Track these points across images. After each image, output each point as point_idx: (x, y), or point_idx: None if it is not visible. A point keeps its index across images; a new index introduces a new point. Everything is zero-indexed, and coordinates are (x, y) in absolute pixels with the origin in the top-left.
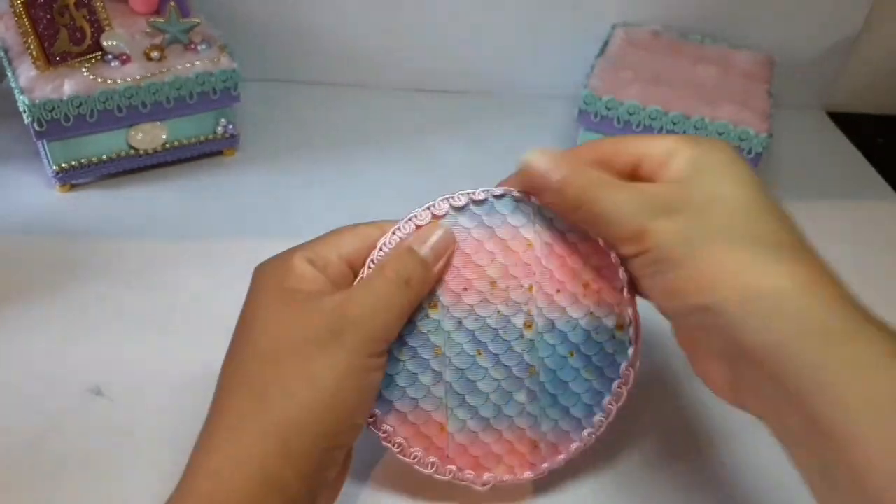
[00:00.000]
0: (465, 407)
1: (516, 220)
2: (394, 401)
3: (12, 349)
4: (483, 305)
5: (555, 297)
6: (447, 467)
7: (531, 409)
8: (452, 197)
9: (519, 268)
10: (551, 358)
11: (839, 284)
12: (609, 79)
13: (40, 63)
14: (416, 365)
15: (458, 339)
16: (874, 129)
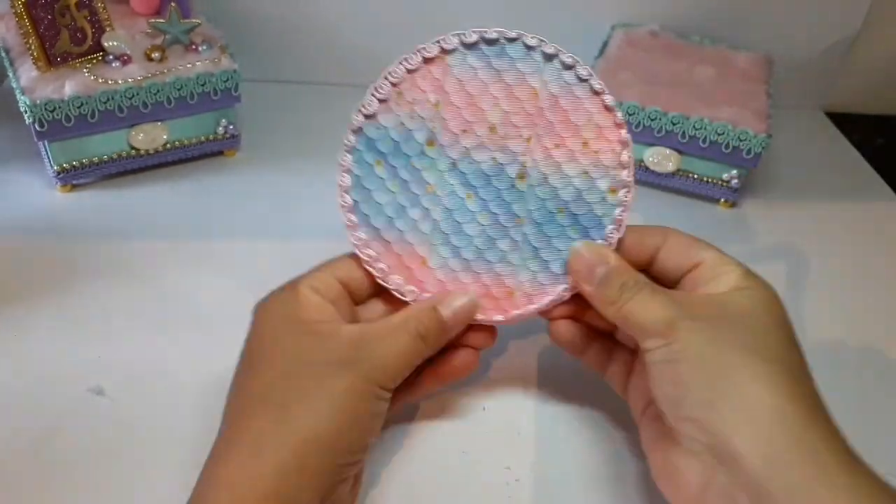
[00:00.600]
0: (449, 246)
1: (525, 66)
2: (380, 228)
3: (13, 349)
4: (479, 150)
5: (552, 152)
6: (424, 297)
7: (512, 258)
8: (464, 33)
9: (521, 116)
10: (539, 212)
11: (831, 419)
12: (608, 79)
13: (41, 63)
14: (406, 198)
15: (450, 179)
16: (873, 130)
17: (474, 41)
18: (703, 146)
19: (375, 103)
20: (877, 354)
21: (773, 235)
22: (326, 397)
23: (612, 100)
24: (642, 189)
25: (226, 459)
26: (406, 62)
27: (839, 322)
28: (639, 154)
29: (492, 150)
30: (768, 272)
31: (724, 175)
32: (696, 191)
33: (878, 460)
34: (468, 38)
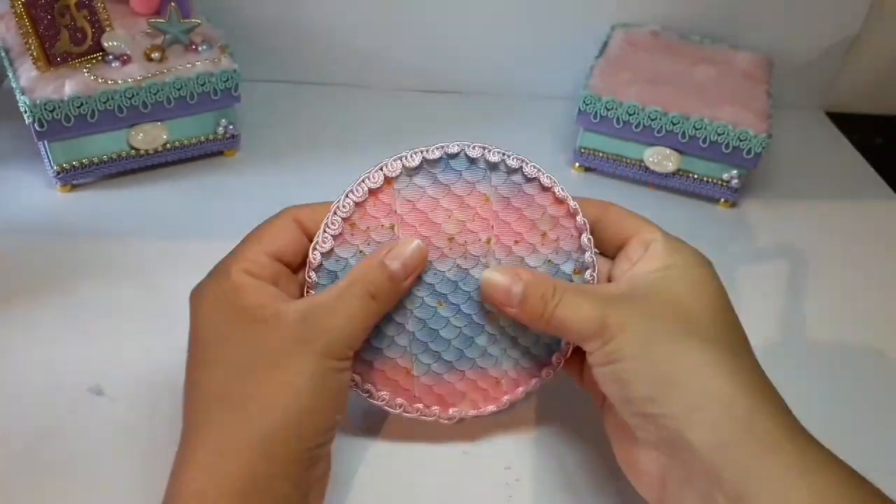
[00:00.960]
0: (429, 353)
1: (472, 175)
2: (360, 352)
3: (13, 349)
4: (442, 261)
5: (513, 248)
6: (414, 406)
7: (492, 351)
8: (405, 156)
9: (477, 222)
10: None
11: (776, 394)
12: (608, 79)
13: (41, 63)
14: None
15: (418, 293)
16: (873, 130)
17: (417, 164)
18: (704, 146)
19: (330, 240)
20: (877, 354)
21: (774, 235)
22: (284, 386)
23: (562, 190)
24: (642, 189)
25: (192, 465)
26: (353, 195)
27: (839, 322)
28: (639, 154)
29: (454, 258)
30: (768, 272)
31: (724, 175)
32: (696, 191)
33: (879, 460)
34: (410, 162)
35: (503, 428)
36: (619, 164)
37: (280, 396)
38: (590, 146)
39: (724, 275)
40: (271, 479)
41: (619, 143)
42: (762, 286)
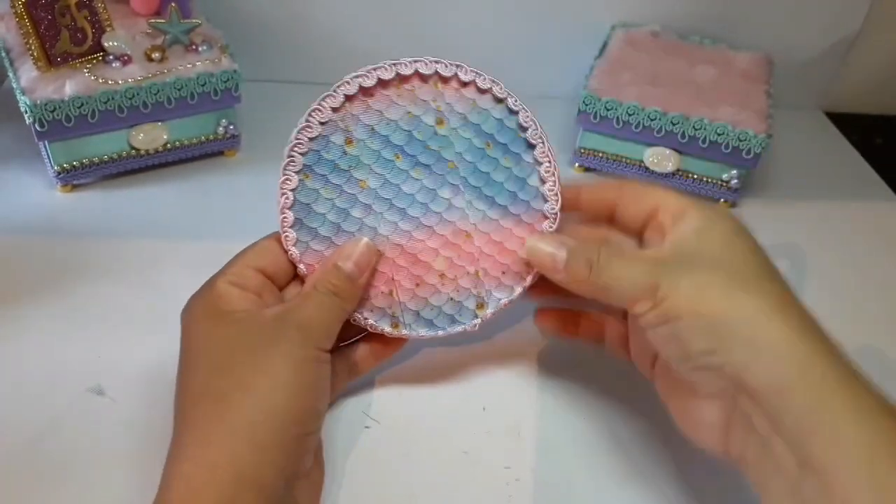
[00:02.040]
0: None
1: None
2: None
3: (14, 349)
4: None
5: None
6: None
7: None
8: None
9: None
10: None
11: (830, 338)
12: (608, 80)
13: (41, 64)
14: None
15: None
16: (873, 130)
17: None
18: (703, 146)
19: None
20: (877, 354)
21: (773, 235)
22: (264, 376)
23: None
24: None
25: (180, 457)
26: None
27: (839, 322)
28: (639, 154)
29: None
30: None
31: (723, 175)
32: (695, 191)
33: None
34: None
35: (503, 427)
36: (619, 164)
37: (260, 386)
38: (590, 146)
39: None
40: (257, 466)
41: (618, 143)
42: None
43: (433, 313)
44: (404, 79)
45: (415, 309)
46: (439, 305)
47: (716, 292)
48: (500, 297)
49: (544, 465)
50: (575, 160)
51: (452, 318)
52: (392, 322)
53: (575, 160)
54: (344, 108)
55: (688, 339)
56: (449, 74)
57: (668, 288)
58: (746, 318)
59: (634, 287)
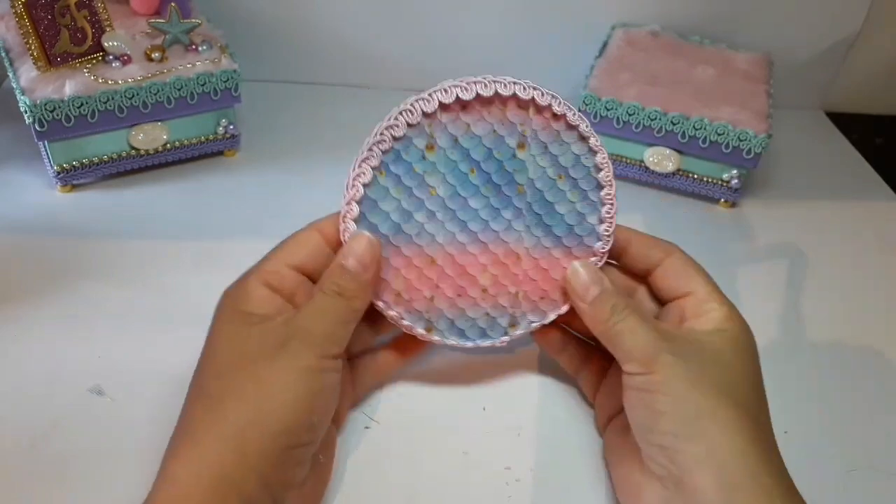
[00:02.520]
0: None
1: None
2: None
3: (13, 349)
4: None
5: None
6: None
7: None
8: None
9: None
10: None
11: (779, 456)
12: (608, 80)
13: (41, 64)
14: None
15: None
16: (873, 130)
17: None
18: (704, 146)
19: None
20: (877, 354)
21: (774, 235)
22: (258, 383)
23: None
24: (642, 189)
25: (172, 458)
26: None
27: (839, 321)
28: (639, 154)
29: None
30: (768, 271)
31: (724, 175)
32: (696, 191)
33: (878, 460)
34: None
35: (503, 428)
36: (620, 164)
37: (253, 393)
38: None
39: (724, 274)
40: (242, 472)
41: (619, 143)
42: (762, 286)
43: (467, 324)
44: (501, 99)
45: (451, 317)
46: (474, 318)
47: (704, 388)
48: (533, 320)
49: (544, 465)
50: None
51: (484, 331)
52: (426, 326)
53: None
54: (435, 115)
55: (661, 413)
56: (545, 103)
57: (664, 364)
58: (721, 423)
59: (639, 349)
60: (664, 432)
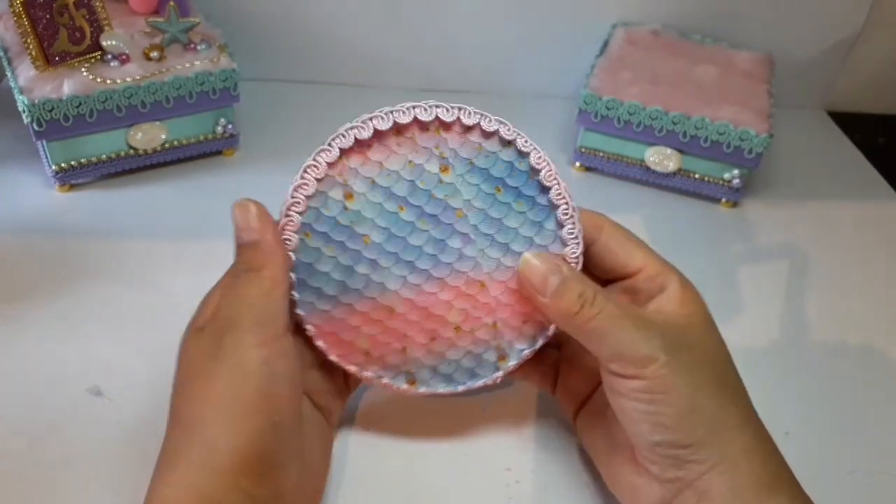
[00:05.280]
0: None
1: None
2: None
3: (12, 349)
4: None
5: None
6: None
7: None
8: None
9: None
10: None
11: (776, 447)
12: (609, 79)
13: (39, 63)
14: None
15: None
16: (875, 129)
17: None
18: (705, 146)
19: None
20: (877, 354)
21: (775, 235)
22: (207, 401)
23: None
24: (643, 189)
25: (155, 480)
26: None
27: (841, 322)
28: (640, 154)
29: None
30: (770, 271)
31: (725, 175)
32: (697, 190)
33: (878, 460)
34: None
35: (503, 429)
36: (620, 163)
37: (206, 410)
38: (590, 146)
39: (725, 274)
40: (223, 491)
41: (619, 142)
42: (763, 286)
43: (451, 368)
44: (403, 127)
45: (431, 364)
46: (457, 359)
47: (711, 395)
48: (522, 347)
49: (544, 467)
50: (575, 159)
51: (472, 371)
52: (408, 379)
53: (575, 159)
54: (341, 162)
55: (669, 427)
56: (450, 119)
57: (662, 368)
58: (730, 425)
59: (624, 346)
60: (675, 445)
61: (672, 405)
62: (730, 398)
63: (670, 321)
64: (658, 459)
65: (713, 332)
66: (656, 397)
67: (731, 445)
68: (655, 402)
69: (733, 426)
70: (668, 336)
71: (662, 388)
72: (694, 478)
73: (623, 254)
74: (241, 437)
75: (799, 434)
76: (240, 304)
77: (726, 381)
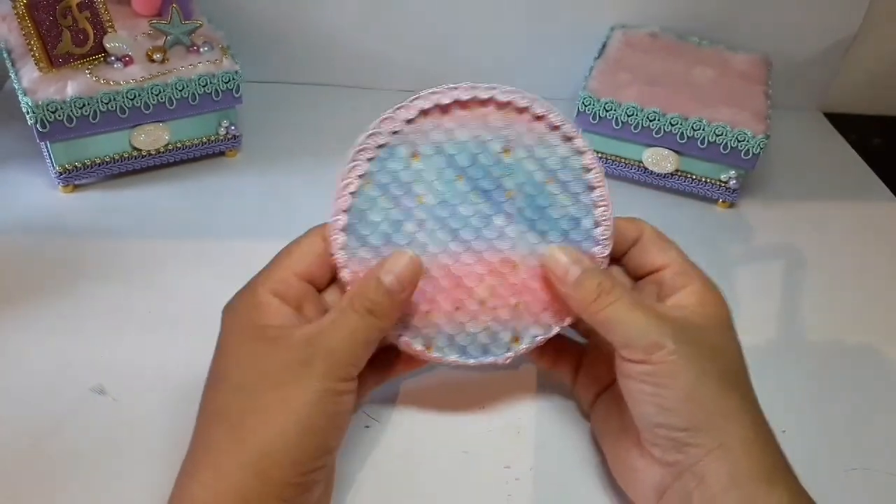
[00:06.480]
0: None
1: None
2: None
3: (16, 349)
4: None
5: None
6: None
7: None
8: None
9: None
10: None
11: (775, 438)
12: (607, 80)
13: (43, 65)
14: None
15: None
16: (870, 130)
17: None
18: (702, 147)
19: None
20: (874, 354)
21: (772, 235)
22: (282, 406)
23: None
24: (641, 190)
25: (191, 478)
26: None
27: (837, 321)
28: (637, 155)
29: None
30: (766, 272)
31: (722, 175)
32: (694, 191)
33: (877, 459)
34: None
35: (503, 427)
36: (618, 164)
37: (276, 417)
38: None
39: (723, 275)
40: (263, 498)
41: (617, 143)
42: (760, 286)
43: (467, 340)
44: (481, 102)
45: (450, 333)
46: (475, 333)
47: (711, 379)
48: (536, 333)
49: (544, 465)
50: None
51: (486, 347)
52: (425, 343)
53: None
54: (416, 122)
55: (671, 410)
56: (524, 105)
57: (669, 354)
58: (729, 412)
59: (639, 336)
60: (674, 428)
61: (674, 389)
62: (733, 391)
63: (685, 316)
64: (660, 441)
65: (728, 332)
66: (661, 381)
67: (729, 433)
68: (659, 386)
69: (733, 415)
70: (679, 328)
71: (667, 373)
72: (692, 462)
73: (655, 252)
74: (300, 451)
75: (796, 432)
76: (347, 341)
77: (732, 376)
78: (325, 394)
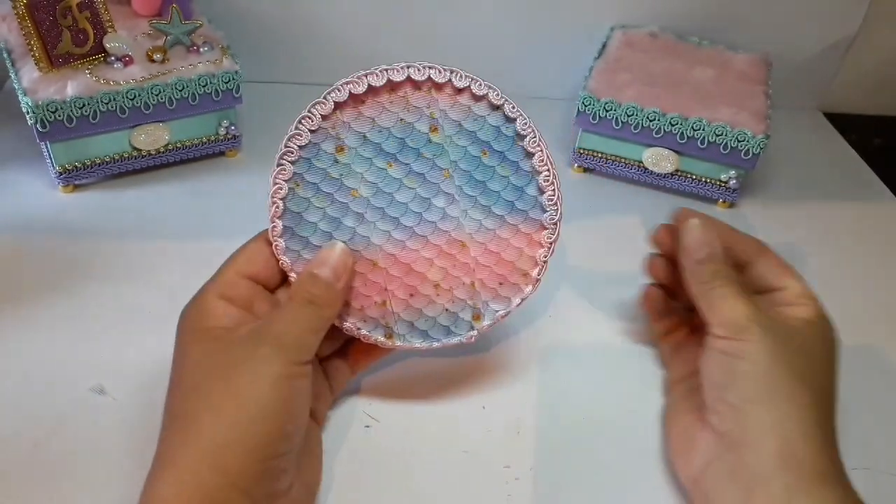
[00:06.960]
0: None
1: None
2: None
3: (16, 348)
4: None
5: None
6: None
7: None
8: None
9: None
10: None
11: (837, 444)
12: (607, 80)
13: (43, 65)
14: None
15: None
16: (870, 130)
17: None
18: (702, 147)
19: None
20: (873, 353)
21: (772, 235)
22: (233, 400)
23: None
24: (641, 189)
25: (152, 478)
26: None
27: (837, 321)
28: (637, 155)
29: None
30: None
31: (722, 176)
32: (694, 191)
33: (878, 460)
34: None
35: (503, 427)
36: (618, 164)
37: (227, 409)
38: (588, 147)
39: None
40: (224, 490)
41: (617, 143)
42: None
43: (428, 324)
44: (396, 85)
45: (409, 320)
46: (434, 316)
47: (784, 368)
48: (497, 308)
49: (544, 465)
50: (574, 161)
51: (448, 329)
52: (386, 332)
53: (574, 161)
54: (334, 116)
55: (739, 378)
56: (442, 80)
57: (755, 335)
58: (795, 403)
59: (733, 317)
60: (738, 393)
61: (748, 363)
62: (807, 389)
63: (784, 320)
64: (720, 408)
65: (826, 352)
66: (739, 354)
67: (791, 417)
68: (736, 357)
69: (798, 403)
70: (773, 324)
71: (746, 352)
72: (748, 434)
73: (776, 275)
74: (254, 439)
75: None
76: (291, 328)
77: (814, 382)
78: (275, 379)
